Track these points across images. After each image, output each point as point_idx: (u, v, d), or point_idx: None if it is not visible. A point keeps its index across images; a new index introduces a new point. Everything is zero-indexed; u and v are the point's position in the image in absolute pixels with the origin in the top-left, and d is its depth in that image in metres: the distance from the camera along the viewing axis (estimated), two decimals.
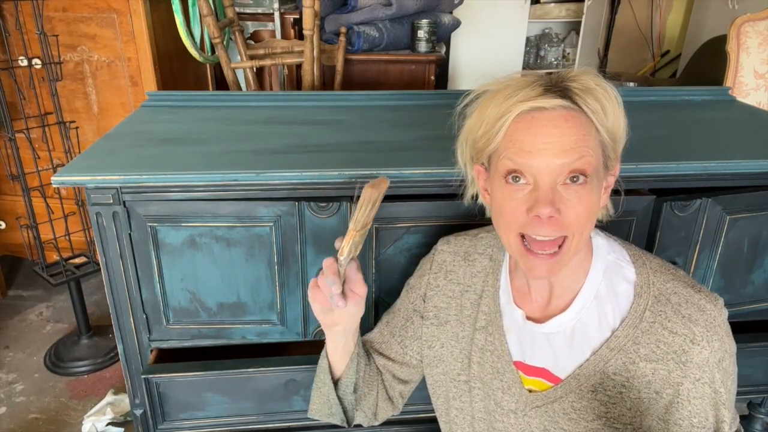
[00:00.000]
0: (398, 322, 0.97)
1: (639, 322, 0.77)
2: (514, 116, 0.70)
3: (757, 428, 1.45)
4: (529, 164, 0.70)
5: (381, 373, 0.97)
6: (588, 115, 0.71)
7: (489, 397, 0.87)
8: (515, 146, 0.70)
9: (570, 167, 0.69)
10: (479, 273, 0.90)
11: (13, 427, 1.78)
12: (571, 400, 0.80)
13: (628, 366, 0.77)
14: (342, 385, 0.91)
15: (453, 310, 0.91)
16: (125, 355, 1.12)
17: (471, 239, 0.93)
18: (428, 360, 0.94)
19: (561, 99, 0.69)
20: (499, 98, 0.72)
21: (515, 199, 0.71)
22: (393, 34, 2.45)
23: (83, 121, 2.15)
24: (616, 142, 0.74)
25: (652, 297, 0.77)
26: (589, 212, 0.72)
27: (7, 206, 2.35)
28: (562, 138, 0.69)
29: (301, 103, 1.45)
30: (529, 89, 0.70)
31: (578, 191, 0.70)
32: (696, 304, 0.75)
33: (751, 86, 2.40)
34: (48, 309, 2.36)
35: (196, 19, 2.11)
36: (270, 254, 1.05)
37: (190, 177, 0.98)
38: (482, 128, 0.74)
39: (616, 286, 0.79)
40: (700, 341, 0.73)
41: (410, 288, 0.97)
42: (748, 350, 1.22)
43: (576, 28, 4.11)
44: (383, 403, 0.97)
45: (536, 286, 0.82)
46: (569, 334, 0.80)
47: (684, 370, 0.74)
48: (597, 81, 0.72)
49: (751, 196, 1.10)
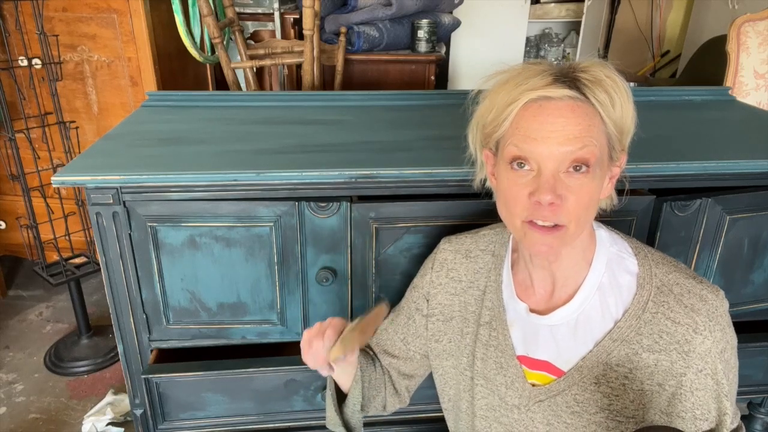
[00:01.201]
0: (401, 320, 0.98)
1: (642, 312, 0.77)
2: (522, 104, 0.72)
3: (757, 428, 1.45)
4: (534, 151, 0.71)
5: (387, 372, 0.99)
6: (595, 106, 0.72)
7: (493, 393, 0.87)
8: (521, 133, 0.72)
9: (573, 156, 0.70)
10: (481, 269, 0.90)
11: (13, 427, 1.78)
12: (574, 392, 0.80)
13: (630, 357, 0.77)
14: (349, 403, 0.93)
15: (457, 306, 0.92)
16: (125, 355, 1.12)
17: (472, 236, 0.93)
18: (437, 352, 0.95)
19: (569, 89, 0.71)
20: (510, 85, 0.74)
21: (519, 185, 0.73)
22: (393, 34, 2.45)
23: (83, 121, 2.15)
24: (623, 133, 0.76)
25: (655, 288, 0.78)
26: (590, 201, 0.73)
27: (7, 206, 2.35)
28: (567, 127, 0.70)
29: (301, 103, 1.45)
30: (539, 78, 0.72)
31: (580, 180, 0.71)
32: (698, 295, 0.76)
33: (751, 86, 2.40)
34: (48, 309, 2.36)
35: (196, 19, 2.11)
36: (270, 254, 1.05)
37: (190, 177, 0.98)
38: (492, 113, 0.76)
39: (619, 278, 0.80)
40: (702, 331, 0.74)
41: (413, 287, 0.98)
42: (748, 350, 1.22)
43: (576, 28, 4.11)
44: (391, 398, 1.00)
45: (539, 278, 0.82)
46: (572, 326, 0.80)
47: (687, 361, 0.75)
48: (607, 72, 0.73)
49: (751, 196, 1.10)
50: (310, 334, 0.82)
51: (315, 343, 0.81)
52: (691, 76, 3.00)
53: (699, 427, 0.76)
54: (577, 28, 4.04)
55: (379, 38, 2.42)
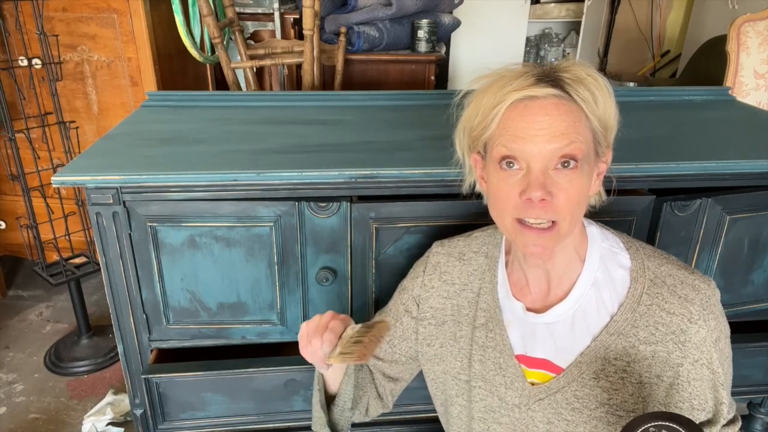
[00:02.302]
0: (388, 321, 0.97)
1: (637, 305, 0.78)
2: (507, 104, 0.73)
3: (757, 428, 1.45)
4: (522, 150, 0.72)
5: (372, 373, 0.99)
6: (578, 103, 0.73)
7: (492, 394, 0.87)
8: (509, 133, 0.73)
9: (561, 152, 0.71)
10: (475, 271, 0.90)
11: (13, 427, 1.78)
12: (573, 389, 0.80)
13: (628, 350, 0.78)
14: (339, 401, 0.92)
15: (449, 310, 0.92)
16: (125, 355, 1.12)
17: (465, 239, 0.94)
18: (428, 357, 0.94)
19: (552, 88, 0.72)
20: (494, 88, 0.75)
21: (509, 184, 0.74)
22: (393, 34, 2.45)
23: (83, 121, 2.15)
24: (607, 129, 0.77)
25: (648, 280, 0.79)
26: (579, 196, 0.74)
27: (7, 206, 2.35)
28: (554, 125, 0.71)
29: (301, 103, 1.45)
30: (522, 79, 0.73)
31: (569, 175, 0.72)
32: (691, 285, 0.78)
33: (751, 86, 2.40)
34: (48, 309, 2.36)
35: (196, 19, 2.11)
36: (270, 254, 1.05)
37: (190, 177, 0.98)
38: (478, 117, 0.77)
39: (613, 273, 0.81)
40: (697, 320, 0.75)
41: (402, 289, 0.97)
42: (748, 350, 1.22)
43: (576, 28, 4.11)
44: (374, 401, 0.99)
45: (534, 277, 0.83)
46: (570, 323, 0.81)
47: (683, 350, 0.76)
48: (588, 71, 0.74)
49: (751, 196, 1.10)
50: (309, 329, 0.82)
51: (314, 341, 0.81)
52: (691, 76, 2.99)
53: (696, 417, 0.77)
54: (577, 28, 4.04)
55: (379, 38, 2.42)
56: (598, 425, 0.79)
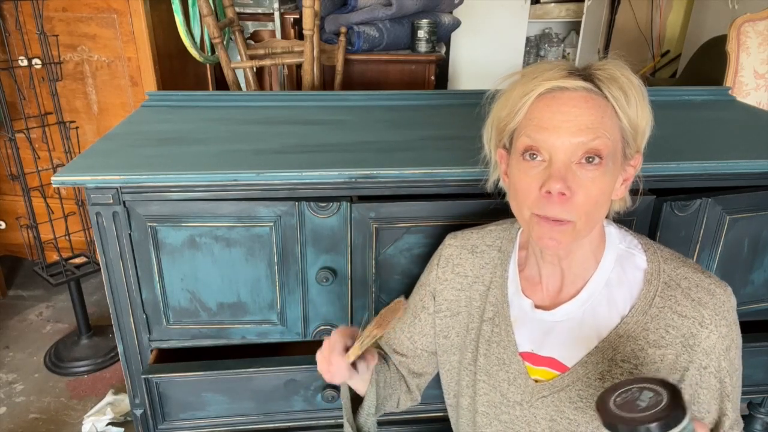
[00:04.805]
0: (407, 318, 0.98)
1: (648, 308, 0.77)
2: (536, 94, 0.72)
3: (757, 428, 1.45)
4: (546, 140, 0.71)
5: (399, 371, 1.00)
6: (609, 99, 0.72)
7: (495, 389, 0.87)
8: (534, 123, 0.72)
9: (585, 147, 0.70)
10: (487, 264, 0.90)
11: (13, 427, 1.78)
12: (578, 388, 0.80)
13: (636, 353, 0.77)
14: (364, 407, 0.93)
15: (463, 302, 0.92)
16: (125, 355, 1.12)
17: (478, 232, 0.93)
18: (445, 348, 0.95)
19: (583, 81, 0.71)
20: (525, 80, 0.75)
21: (530, 176, 0.73)
22: (393, 34, 2.45)
23: (83, 121, 2.15)
24: (637, 132, 0.75)
25: (662, 283, 0.78)
26: (600, 195, 0.72)
27: (7, 206, 2.35)
28: (580, 117, 0.70)
29: (301, 103, 1.45)
30: (554, 71, 0.73)
31: (592, 172, 0.71)
32: (706, 288, 0.76)
33: (751, 86, 2.40)
34: (48, 309, 2.36)
35: (196, 19, 2.11)
36: (270, 254, 1.05)
37: (190, 177, 0.98)
38: (507, 108, 0.76)
39: (628, 274, 0.80)
40: (708, 324, 0.74)
41: (420, 285, 0.98)
42: (748, 350, 1.22)
43: (576, 28, 4.11)
44: (404, 396, 1.00)
45: (548, 274, 0.82)
46: (578, 321, 0.80)
47: (691, 354, 0.75)
48: (623, 72, 0.73)
49: (751, 196, 1.10)
50: (323, 354, 0.83)
51: (334, 359, 0.82)
52: (691, 76, 3.00)
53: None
54: (577, 28, 4.04)
55: (379, 38, 2.42)
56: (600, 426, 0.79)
